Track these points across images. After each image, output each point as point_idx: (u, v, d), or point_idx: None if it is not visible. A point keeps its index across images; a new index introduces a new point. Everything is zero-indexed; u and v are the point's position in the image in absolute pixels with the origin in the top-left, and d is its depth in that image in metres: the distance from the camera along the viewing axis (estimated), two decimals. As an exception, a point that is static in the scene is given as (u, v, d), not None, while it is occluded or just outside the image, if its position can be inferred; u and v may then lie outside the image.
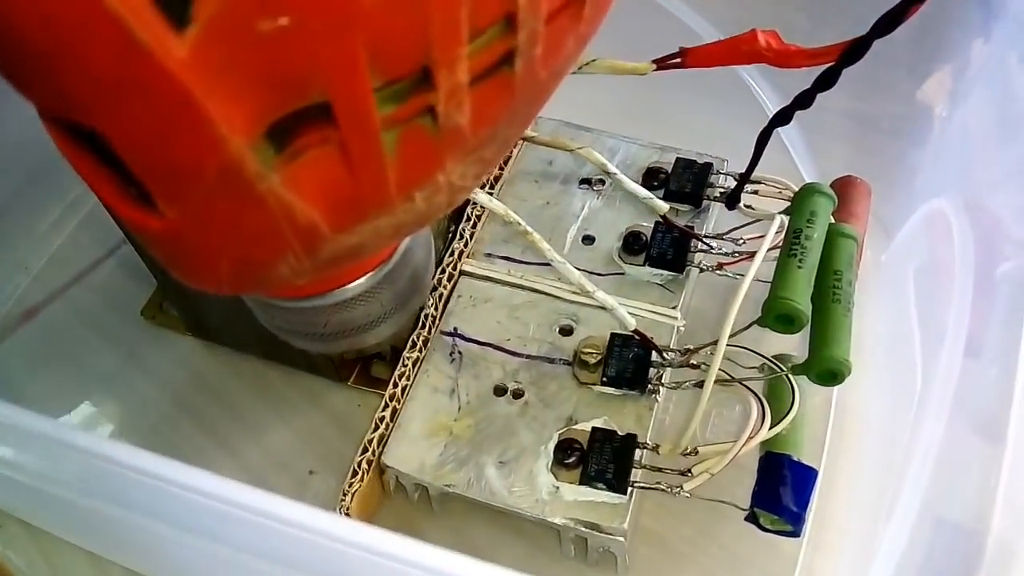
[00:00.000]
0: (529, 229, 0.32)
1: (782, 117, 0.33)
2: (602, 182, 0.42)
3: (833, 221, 0.36)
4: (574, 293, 0.38)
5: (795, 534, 0.32)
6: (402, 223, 0.18)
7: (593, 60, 0.29)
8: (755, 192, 0.39)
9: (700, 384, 0.34)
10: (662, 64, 0.30)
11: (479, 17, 0.15)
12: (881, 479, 0.37)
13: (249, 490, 0.23)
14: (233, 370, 0.42)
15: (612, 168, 0.38)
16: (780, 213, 0.36)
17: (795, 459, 0.32)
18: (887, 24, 0.28)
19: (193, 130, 0.13)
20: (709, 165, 0.41)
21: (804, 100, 0.31)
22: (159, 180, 0.15)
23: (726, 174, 0.41)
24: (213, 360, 0.42)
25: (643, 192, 0.38)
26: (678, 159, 0.42)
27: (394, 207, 0.17)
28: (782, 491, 0.32)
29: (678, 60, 0.30)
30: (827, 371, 0.32)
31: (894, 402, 0.38)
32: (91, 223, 0.48)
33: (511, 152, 0.44)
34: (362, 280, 0.24)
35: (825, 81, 0.30)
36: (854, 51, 0.29)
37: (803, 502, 0.32)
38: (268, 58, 0.13)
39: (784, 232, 0.35)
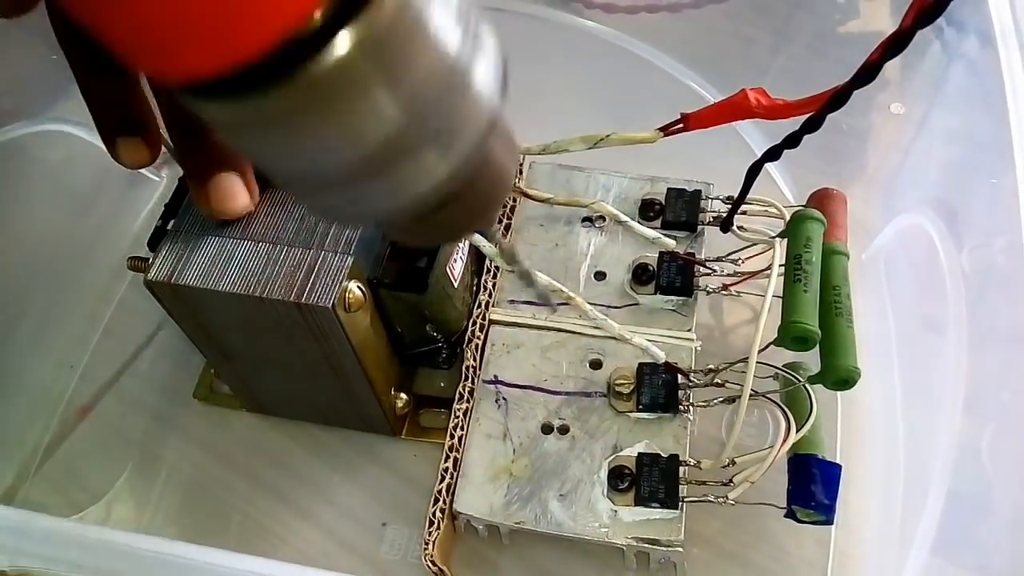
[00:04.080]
0: (572, 294, 0.35)
1: (772, 154, 0.36)
2: (603, 218, 0.46)
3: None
4: (596, 328, 0.42)
5: (828, 522, 0.37)
6: None
7: (608, 135, 0.33)
8: (744, 213, 0.43)
9: (727, 400, 0.39)
10: (668, 131, 0.34)
11: None
12: (888, 459, 0.41)
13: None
14: (292, 439, 0.45)
15: (623, 217, 0.42)
16: (776, 236, 0.40)
17: (820, 457, 0.37)
18: (867, 75, 0.31)
19: None
20: (699, 192, 0.45)
21: (792, 140, 0.35)
22: None
23: (715, 198, 0.45)
24: (271, 432, 0.45)
25: (652, 234, 0.42)
26: (669, 189, 0.46)
27: None
28: (814, 488, 0.36)
29: (681, 125, 0.34)
30: (840, 379, 0.36)
31: (891, 393, 0.43)
32: (123, 313, 0.51)
33: (515, 202, 0.47)
34: None
35: (811, 125, 0.34)
36: (835, 101, 0.33)
37: (833, 495, 0.36)
38: None
39: (785, 257, 0.39)
